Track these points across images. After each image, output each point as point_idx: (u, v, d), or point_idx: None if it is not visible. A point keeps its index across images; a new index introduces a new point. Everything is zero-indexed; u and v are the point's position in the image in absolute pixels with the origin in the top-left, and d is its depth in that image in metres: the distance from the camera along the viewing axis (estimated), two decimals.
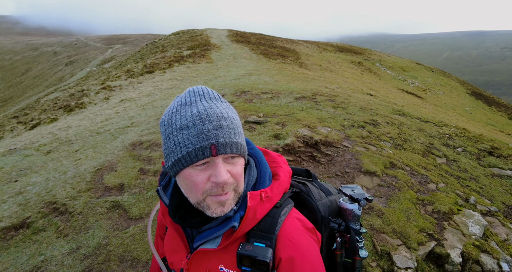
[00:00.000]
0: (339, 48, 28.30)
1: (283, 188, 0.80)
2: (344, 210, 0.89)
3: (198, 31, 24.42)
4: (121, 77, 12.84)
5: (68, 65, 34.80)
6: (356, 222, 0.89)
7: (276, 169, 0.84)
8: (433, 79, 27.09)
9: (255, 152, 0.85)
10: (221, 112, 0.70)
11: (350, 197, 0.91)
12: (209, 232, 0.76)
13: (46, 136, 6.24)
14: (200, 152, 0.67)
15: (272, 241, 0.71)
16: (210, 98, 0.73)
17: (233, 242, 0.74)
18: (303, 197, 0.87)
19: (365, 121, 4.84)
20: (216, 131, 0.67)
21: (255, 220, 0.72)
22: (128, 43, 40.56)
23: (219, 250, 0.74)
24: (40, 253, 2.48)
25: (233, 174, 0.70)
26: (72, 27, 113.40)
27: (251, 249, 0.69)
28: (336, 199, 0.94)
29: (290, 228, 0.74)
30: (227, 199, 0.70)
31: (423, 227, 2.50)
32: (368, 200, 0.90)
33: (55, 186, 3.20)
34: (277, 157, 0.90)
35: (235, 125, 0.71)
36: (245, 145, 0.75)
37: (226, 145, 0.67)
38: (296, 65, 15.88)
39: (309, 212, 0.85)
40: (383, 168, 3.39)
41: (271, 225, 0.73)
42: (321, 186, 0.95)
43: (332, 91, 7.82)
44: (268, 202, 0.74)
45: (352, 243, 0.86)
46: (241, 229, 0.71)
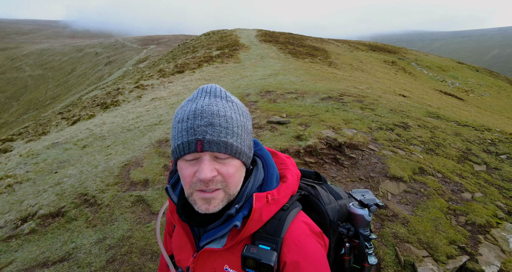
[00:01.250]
0: (371, 47, 27.21)
1: (290, 191, 0.78)
2: (353, 215, 0.87)
3: (228, 31, 24.80)
4: (154, 77, 13.41)
5: (107, 65, 37.10)
6: (366, 227, 0.87)
7: (284, 171, 0.83)
8: (477, 80, 25.07)
9: (263, 153, 0.84)
10: (217, 110, 0.69)
11: (360, 202, 0.88)
12: (213, 231, 0.76)
13: (84, 132, 6.70)
14: (187, 146, 0.68)
15: (278, 244, 0.70)
16: (215, 96, 0.72)
17: (238, 243, 0.73)
18: (312, 200, 0.86)
19: (394, 123, 4.60)
20: (205, 128, 0.67)
21: (260, 222, 0.71)
22: (162, 44, 42.30)
23: (224, 251, 0.74)
24: (71, 241, 2.66)
25: (222, 173, 0.69)
26: (112, 29, 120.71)
27: (255, 252, 0.69)
28: (346, 203, 0.92)
29: (297, 231, 0.72)
30: (213, 198, 0.70)
31: (454, 239, 2.32)
32: (379, 206, 0.87)
33: (87, 179, 3.42)
34: (285, 158, 0.88)
35: (231, 125, 0.70)
36: (243, 147, 0.72)
37: (212, 142, 0.67)
38: (325, 64, 15.52)
39: (317, 215, 0.84)
40: (411, 173, 3.19)
41: (277, 228, 0.72)
42: (331, 189, 0.93)
43: (361, 91, 7.54)
44: (274, 204, 0.73)
45: (361, 249, 0.84)
46: (246, 231, 0.70)
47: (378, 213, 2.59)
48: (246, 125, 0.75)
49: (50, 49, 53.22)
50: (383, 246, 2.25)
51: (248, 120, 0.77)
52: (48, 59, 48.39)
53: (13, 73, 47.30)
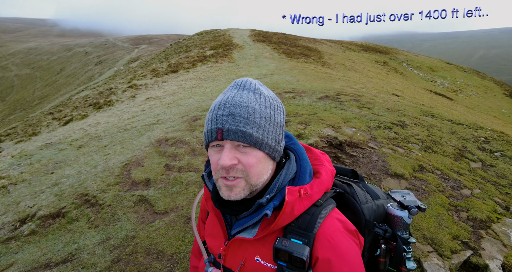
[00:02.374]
0: (363, 47, 27.53)
1: (324, 187, 0.78)
2: (391, 217, 0.84)
3: (221, 31, 24.72)
4: (147, 76, 13.27)
5: (98, 65, 36.51)
6: (404, 230, 0.83)
7: (318, 167, 0.82)
8: (466, 80, 25.64)
9: (297, 147, 0.84)
10: (240, 101, 0.71)
11: (400, 203, 0.85)
12: (245, 219, 0.77)
13: (78, 132, 6.57)
14: (210, 134, 0.72)
15: (310, 239, 0.70)
16: (244, 89, 0.74)
17: (269, 235, 0.74)
18: (347, 199, 0.84)
19: (392, 122, 4.67)
20: (226, 117, 0.70)
21: (292, 216, 0.71)
22: (154, 43, 41.86)
23: (255, 241, 0.75)
24: (74, 242, 2.61)
25: (243, 162, 0.71)
26: (103, 28, 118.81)
27: (288, 245, 0.69)
28: (384, 204, 0.89)
29: (330, 228, 0.71)
30: (234, 185, 0.72)
31: (457, 234, 2.37)
32: (421, 209, 0.83)
33: (86, 179, 3.36)
34: (320, 155, 0.87)
35: (252, 116, 0.71)
36: (266, 139, 0.73)
37: (231, 131, 0.69)
38: (319, 64, 15.63)
39: (352, 214, 0.82)
40: (412, 171, 3.24)
41: (310, 223, 0.71)
42: (368, 188, 0.90)
43: (357, 91, 7.62)
44: (307, 199, 0.73)
45: (399, 252, 0.81)
46: (278, 223, 0.71)
47: None
48: (273, 117, 0.75)
49: (38, 48, 52.02)
50: None
51: (278, 113, 0.76)
52: (35, 58, 47.29)
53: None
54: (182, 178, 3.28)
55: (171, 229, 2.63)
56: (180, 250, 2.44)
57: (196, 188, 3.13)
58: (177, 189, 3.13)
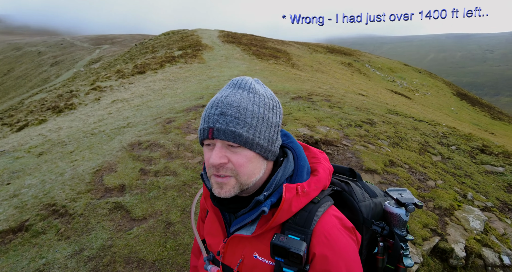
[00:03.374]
0: (329, 49, 28.62)
1: (321, 185, 0.78)
2: (389, 214, 0.84)
3: (188, 31, 24.24)
4: (112, 78, 12.60)
5: (54, 66, 33.93)
6: (402, 228, 0.83)
7: (315, 164, 0.83)
8: (421, 80, 27.73)
9: (295, 145, 0.85)
10: (232, 100, 0.72)
11: (397, 200, 0.86)
12: (243, 217, 0.78)
13: (36, 138, 6.06)
14: (202, 133, 0.74)
15: (307, 235, 0.70)
16: (239, 88, 0.75)
17: (267, 231, 0.74)
18: (345, 197, 0.84)
19: (362, 120, 4.91)
20: (217, 117, 0.71)
21: (290, 212, 0.72)
22: (117, 44, 39.88)
23: (253, 238, 0.76)
24: (41, 256, 2.40)
25: (233, 162, 0.72)
26: (58, 26, 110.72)
27: (285, 241, 0.69)
28: (382, 201, 0.89)
29: (327, 225, 0.72)
30: (224, 183, 0.73)
31: (427, 223, 2.55)
32: (418, 206, 0.84)
33: (52, 188, 3.10)
34: (318, 153, 0.88)
35: (243, 116, 0.71)
36: (258, 139, 0.72)
37: (221, 131, 0.70)
38: (289, 66, 15.97)
39: (350, 212, 0.82)
40: (383, 166, 3.44)
41: (307, 220, 0.72)
42: (365, 187, 0.91)
43: (326, 91, 7.90)
44: (304, 196, 0.73)
45: (396, 249, 0.81)
46: (275, 220, 0.71)
47: None
48: (267, 117, 0.74)
49: None
50: None
51: (273, 113, 0.75)
52: None
53: None
54: (159, 182, 3.16)
55: (151, 235, 2.53)
56: (162, 256, 2.35)
57: (174, 192, 3.04)
58: (155, 194, 3.01)
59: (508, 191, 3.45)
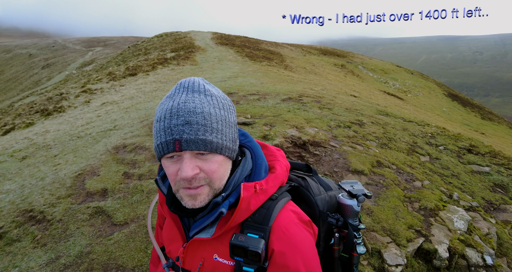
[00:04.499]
0: (322, 51, 28.79)
1: (279, 181, 0.79)
2: (342, 206, 0.89)
3: (181, 33, 24.17)
4: (103, 80, 12.47)
5: (45, 68, 33.50)
6: (354, 217, 0.88)
7: (273, 162, 0.84)
8: (413, 81, 28.03)
9: (252, 144, 0.85)
10: (194, 107, 0.68)
11: (349, 192, 0.90)
12: (201, 220, 0.76)
13: (21, 142, 5.93)
14: (165, 146, 0.68)
15: (266, 232, 0.70)
16: (193, 91, 0.71)
17: (227, 232, 0.74)
18: (302, 191, 0.87)
19: (351, 121, 4.90)
20: (182, 127, 0.67)
21: (248, 211, 0.72)
22: (110, 46, 39.58)
23: (213, 240, 0.75)
24: (14, 266, 2.31)
25: (205, 170, 0.70)
26: (49, 28, 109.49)
27: (243, 240, 0.69)
28: (336, 194, 0.93)
29: (285, 220, 0.73)
30: (198, 194, 0.71)
31: (411, 224, 2.54)
32: (367, 196, 0.90)
33: (31, 193, 3.01)
34: (275, 151, 0.89)
35: (209, 122, 0.69)
36: (225, 142, 0.72)
37: (190, 141, 0.67)
38: (281, 67, 16.00)
39: (307, 206, 0.84)
40: (371, 167, 3.42)
41: (265, 217, 0.72)
42: (321, 181, 0.94)
43: (318, 92, 7.91)
44: (262, 194, 0.74)
45: (350, 238, 0.86)
46: (234, 220, 0.71)
47: None
48: (228, 118, 0.74)
49: None
50: None
51: (230, 113, 0.76)
52: None
53: None
54: (143, 186, 3.10)
55: (132, 240, 2.46)
56: (142, 262, 2.29)
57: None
58: (138, 198, 2.95)
59: (493, 190, 3.46)
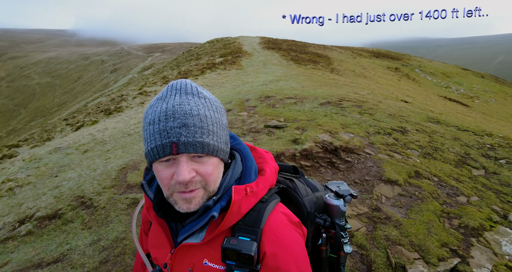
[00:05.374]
0: (374, 53, 27.31)
1: (269, 183, 0.79)
2: (329, 206, 0.89)
3: (231, 39, 25.13)
4: (157, 83, 13.61)
5: (113, 73, 37.70)
6: (341, 217, 0.89)
7: (262, 164, 0.84)
8: (483, 86, 24.87)
9: (241, 147, 0.85)
10: (190, 109, 0.68)
11: (336, 193, 0.91)
12: (191, 224, 0.75)
13: (86, 137, 6.80)
14: (161, 149, 0.67)
15: (257, 235, 0.70)
16: (186, 94, 0.71)
17: (217, 236, 0.73)
18: (290, 193, 0.87)
19: (392, 128, 4.60)
20: (179, 129, 0.66)
21: (239, 214, 0.71)
22: (167, 52, 42.94)
23: (203, 245, 0.74)
24: (67, 242, 2.69)
25: (201, 173, 0.69)
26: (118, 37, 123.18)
27: (236, 243, 0.68)
28: (322, 195, 0.94)
29: (276, 222, 0.73)
30: (193, 197, 0.69)
31: (446, 242, 2.30)
32: (353, 196, 0.91)
33: (85, 182, 3.47)
34: (264, 153, 0.89)
35: (205, 124, 0.69)
36: (220, 144, 0.72)
37: (188, 144, 0.66)
38: (327, 70, 15.60)
39: (295, 207, 0.85)
40: (407, 177, 3.18)
41: (257, 219, 0.72)
42: (308, 182, 0.95)
43: (362, 97, 7.56)
44: (253, 196, 0.74)
45: (337, 238, 0.86)
46: (225, 223, 0.70)
47: (371, 215, 2.59)
48: (221, 120, 0.74)
49: (58, 57, 54.33)
50: (374, 249, 2.24)
51: (223, 115, 0.76)
52: (55, 67, 49.35)
53: (21, 81, 48.30)
54: None
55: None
56: None
57: None
58: None
59: None
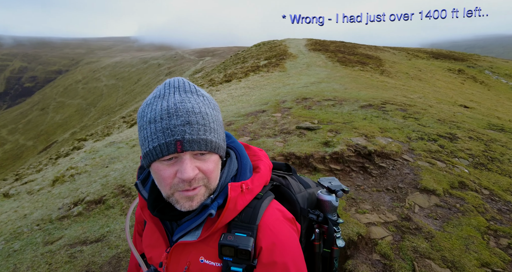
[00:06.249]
0: (434, 54, 25.02)
1: (263, 181, 0.81)
2: (322, 202, 0.91)
3: (277, 41, 25.27)
4: (204, 86, 14.32)
5: (167, 75, 40.63)
6: (333, 213, 0.91)
7: (257, 162, 0.85)
8: None
9: (236, 145, 0.86)
10: (192, 107, 0.68)
11: (328, 188, 0.93)
12: (188, 223, 0.76)
13: (135, 134, 7.48)
14: (165, 148, 0.66)
15: (254, 231, 0.71)
16: (185, 92, 0.71)
17: (213, 233, 0.73)
18: (283, 190, 0.89)
19: (439, 134, 4.18)
20: (183, 127, 0.66)
21: (235, 211, 0.72)
22: (216, 55, 44.88)
23: (199, 242, 0.74)
24: (107, 225, 3.01)
25: (203, 170, 0.70)
26: (173, 42, 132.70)
27: (233, 239, 0.69)
28: (315, 191, 0.96)
29: (271, 218, 0.74)
30: (196, 194, 0.70)
31: (488, 261, 2.03)
32: (345, 191, 0.92)
33: (127, 173, 3.84)
34: (258, 151, 0.91)
35: (207, 121, 0.69)
36: (220, 141, 0.73)
37: (192, 141, 0.66)
38: (377, 72, 14.76)
39: (288, 204, 0.86)
40: (448, 187, 2.87)
41: (252, 216, 0.73)
42: (300, 179, 0.97)
43: (410, 100, 7.00)
44: (249, 193, 0.75)
45: (330, 233, 0.88)
46: (222, 220, 0.71)
47: (399, 224, 2.40)
48: (219, 118, 0.75)
49: (122, 61, 60.56)
50: (399, 259, 2.08)
51: (219, 113, 0.77)
52: (120, 70, 55.03)
53: (93, 83, 54.96)
54: None
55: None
56: None
57: None
58: None
59: None
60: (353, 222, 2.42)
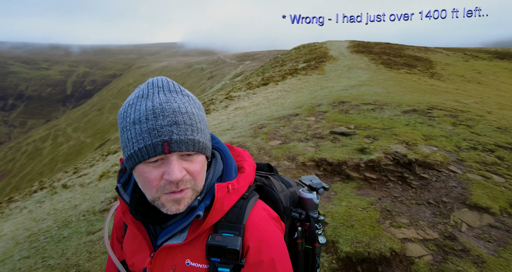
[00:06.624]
0: (498, 54, 22.46)
1: (248, 181, 0.81)
2: (303, 200, 0.93)
3: (318, 44, 24.78)
4: (242, 89, 14.55)
5: (210, 79, 42.20)
6: (314, 210, 0.93)
7: (241, 162, 0.85)
8: None
9: (220, 146, 0.85)
10: (178, 106, 0.66)
11: (309, 186, 0.95)
12: (174, 226, 0.73)
13: None
14: (152, 149, 0.64)
15: (240, 230, 0.71)
16: (170, 91, 0.69)
17: (200, 235, 0.72)
18: (266, 190, 0.89)
19: (497, 144, 3.67)
20: (170, 128, 0.64)
21: (222, 211, 0.71)
22: (256, 59, 45.48)
23: (185, 245, 0.72)
24: None
25: (190, 171, 0.68)
26: (216, 47, 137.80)
27: (220, 239, 0.68)
28: (296, 190, 0.97)
29: (258, 217, 0.75)
30: (183, 197, 0.68)
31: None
32: (325, 188, 0.95)
33: None
34: (242, 151, 0.90)
35: (194, 121, 0.68)
36: (206, 141, 0.73)
37: (180, 142, 0.64)
38: (426, 75, 13.66)
39: (272, 203, 0.86)
40: (507, 206, 2.48)
41: (239, 216, 0.73)
42: (282, 179, 0.98)
43: (463, 106, 6.31)
44: (235, 194, 0.74)
45: (312, 230, 0.89)
46: (209, 221, 0.70)
47: (441, 243, 2.13)
48: (204, 118, 0.74)
49: (168, 66, 64.44)
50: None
51: (204, 113, 0.76)
52: (166, 74, 58.57)
53: None
54: None
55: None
56: None
57: None
58: None
59: None
60: (386, 236, 2.21)
